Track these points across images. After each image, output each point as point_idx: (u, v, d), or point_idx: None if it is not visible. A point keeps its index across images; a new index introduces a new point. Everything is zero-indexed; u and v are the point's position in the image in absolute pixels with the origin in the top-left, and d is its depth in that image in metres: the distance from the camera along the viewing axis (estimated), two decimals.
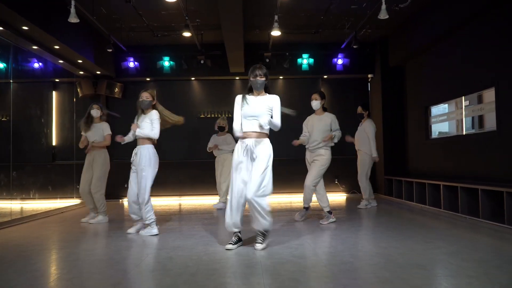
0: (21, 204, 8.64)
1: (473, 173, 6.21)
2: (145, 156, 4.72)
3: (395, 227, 4.98)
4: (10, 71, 7.21)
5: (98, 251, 3.95)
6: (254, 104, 4.00)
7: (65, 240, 4.59)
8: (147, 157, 4.73)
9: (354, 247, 3.87)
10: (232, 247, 3.89)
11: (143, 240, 4.48)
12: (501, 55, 5.60)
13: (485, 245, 4.04)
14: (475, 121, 9.28)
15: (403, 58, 8.37)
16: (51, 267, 3.49)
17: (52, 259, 3.76)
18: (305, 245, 4.02)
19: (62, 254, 3.87)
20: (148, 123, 4.75)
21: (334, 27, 8.27)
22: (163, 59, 8.84)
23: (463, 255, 3.51)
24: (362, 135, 7.06)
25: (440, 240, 4.14)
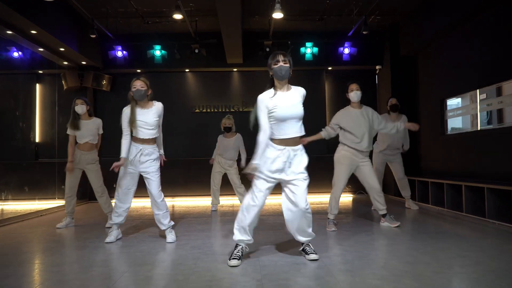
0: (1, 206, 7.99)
1: (499, 173, 5.54)
2: (155, 158, 4.18)
3: (417, 236, 4.30)
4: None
5: (65, 268, 3.26)
6: (286, 102, 3.22)
7: (36, 250, 3.90)
8: (157, 160, 4.21)
9: (375, 263, 3.19)
10: (237, 263, 3.22)
11: (123, 252, 3.80)
12: None
13: None
14: (493, 115, 8.63)
15: (416, 47, 7.68)
16: (16, 282, 2.81)
17: (19, 273, 3.07)
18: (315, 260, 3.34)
19: (29, 268, 3.18)
20: (156, 116, 4.12)
21: (340, 13, 7.58)
22: (154, 48, 8.12)
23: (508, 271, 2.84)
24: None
25: (479, 253, 3.46)
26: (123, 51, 8.15)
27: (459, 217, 5.52)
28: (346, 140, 4.75)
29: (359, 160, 4.77)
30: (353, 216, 5.90)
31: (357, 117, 4.72)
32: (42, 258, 3.64)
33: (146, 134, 4.08)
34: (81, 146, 5.23)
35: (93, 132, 5.22)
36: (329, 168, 5.24)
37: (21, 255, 3.72)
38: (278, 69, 3.18)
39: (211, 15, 7.42)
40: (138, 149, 4.08)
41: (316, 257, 3.29)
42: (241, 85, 8.90)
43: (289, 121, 3.18)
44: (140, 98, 4.04)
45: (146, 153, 4.10)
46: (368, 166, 4.78)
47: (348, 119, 4.73)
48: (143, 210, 7.01)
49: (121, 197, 4.19)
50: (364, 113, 4.76)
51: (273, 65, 3.21)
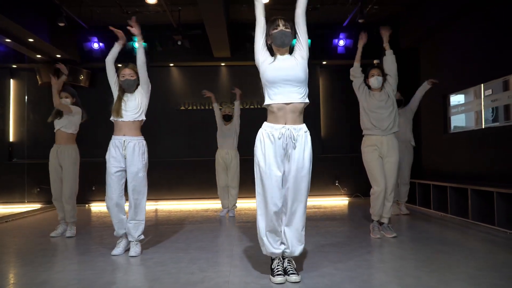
0: None
1: (506, 174, 4.98)
2: (139, 151, 3.62)
3: (419, 249, 3.72)
4: None
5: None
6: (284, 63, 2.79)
7: None
8: (142, 153, 3.65)
9: (365, 283, 2.62)
10: (283, 279, 2.67)
11: (71, 270, 3.22)
12: None
13: None
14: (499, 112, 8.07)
15: (417, 39, 7.15)
16: None
17: None
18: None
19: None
20: (144, 98, 3.69)
21: (335, 2, 7.02)
22: (133, 40, 7.54)
23: None
24: (407, 122, 5.88)
25: (493, 272, 2.88)
26: (99, 43, 7.57)
27: (464, 224, 4.95)
28: None
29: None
30: (350, 223, 5.32)
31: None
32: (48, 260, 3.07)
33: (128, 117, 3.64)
34: (56, 136, 4.67)
35: (72, 121, 4.66)
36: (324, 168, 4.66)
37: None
38: (279, 34, 2.80)
39: (196, 4, 6.85)
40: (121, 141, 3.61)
41: (297, 279, 2.71)
42: (230, 80, 8.32)
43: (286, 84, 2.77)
44: (129, 87, 3.65)
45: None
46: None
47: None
48: None
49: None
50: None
51: (273, 30, 2.84)
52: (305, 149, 2.71)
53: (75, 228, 4.66)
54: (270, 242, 2.71)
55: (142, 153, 3.64)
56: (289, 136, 2.69)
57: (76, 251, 3.93)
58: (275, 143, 2.68)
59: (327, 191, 7.98)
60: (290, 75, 2.72)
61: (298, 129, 2.73)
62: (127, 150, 3.58)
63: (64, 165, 4.58)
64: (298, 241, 2.74)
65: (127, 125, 3.62)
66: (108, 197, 3.60)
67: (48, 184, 4.73)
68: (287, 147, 2.69)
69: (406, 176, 5.78)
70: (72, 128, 4.66)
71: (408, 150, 5.75)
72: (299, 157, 2.68)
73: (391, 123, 4.24)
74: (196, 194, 7.82)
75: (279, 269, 2.72)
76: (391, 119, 4.24)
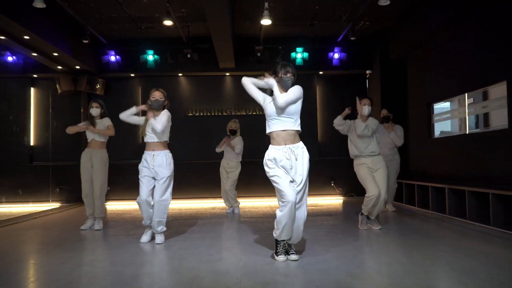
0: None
1: (482, 175, 5.68)
2: (168, 163, 4.44)
3: (398, 237, 4.43)
4: None
5: (54, 268, 3.38)
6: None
7: (25, 252, 4.02)
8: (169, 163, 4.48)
9: (352, 263, 3.32)
10: (284, 258, 3.43)
11: (112, 253, 3.92)
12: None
13: (502, 260, 3.50)
14: (479, 119, 8.79)
15: (405, 51, 7.85)
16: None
17: (3, 273, 3.20)
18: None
19: (16, 269, 3.29)
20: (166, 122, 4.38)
21: (330, 19, 7.72)
22: (147, 53, 8.26)
23: (480, 274, 2.97)
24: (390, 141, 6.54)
25: (450, 254, 3.59)
26: (116, 55, 8.28)
27: (442, 218, 5.66)
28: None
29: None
30: (342, 218, 6.02)
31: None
32: (35, 258, 3.75)
33: (153, 139, 4.36)
34: (90, 143, 5.36)
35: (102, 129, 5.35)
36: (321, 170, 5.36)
37: (13, 255, 3.83)
38: (287, 79, 3.50)
39: (203, 20, 7.55)
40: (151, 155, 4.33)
41: (296, 258, 3.42)
42: (234, 89, 9.03)
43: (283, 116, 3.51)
44: (157, 108, 4.34)
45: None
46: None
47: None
48: (136, 212, 7.13)
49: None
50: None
51: (283, 74, 3.51)
52: (303, 163, 3.44)
53: (102, 223, 5.36)
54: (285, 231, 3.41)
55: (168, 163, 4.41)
56: (291, 151, 3.42)
57: (108, 240, 4.61)
58: (276, 163, 3.43)
59: (323, 191, 8.67)
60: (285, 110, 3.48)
61: (296, 146, 3.46)
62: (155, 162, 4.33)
63: (96, 166, 5.28)
64: (299, 234, 3.49)
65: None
66: (139, 195, 4.31)
67: (66, 184, 5.44)
68: (291, 160, 3.41)
69: (393, 180, 6.53)
70: (103, 137, 5.38)
71: (395, 159, 6.51)
72: (300, 168, 3.41)
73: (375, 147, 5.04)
74: (203, 194, 8.51)
75: (282, 251, 3.43)
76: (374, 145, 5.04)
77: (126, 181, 8.02)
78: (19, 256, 3.86)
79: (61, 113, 8.58)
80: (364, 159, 4.98)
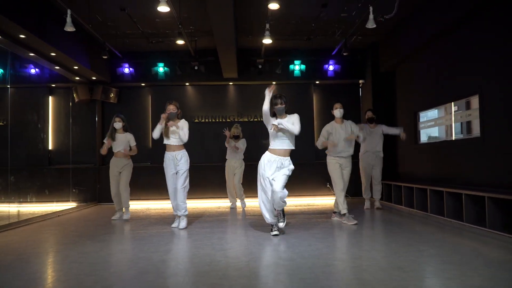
0: (18, 208, 8.77)
1: (459, 178, 6.40)
2: (186, 159, 5.71)
3: (382, 231, 5.16)
4: (8, 76, 7.37)
5: (93, 254, 4.09)
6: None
7: (61, 243, 4.73)
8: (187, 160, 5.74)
9: (339, 250, 4.04)
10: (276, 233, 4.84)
11: (137, 244, 4.63)
12: (485, 62, 5.77)
13: (467, 248, 4.21)
14: (463, 126, 9.50)
15: (393, 64, 8.56)
16: (48, 270, 3.64)
17: (49, 262, 3.90)
18: (292, 248, 4.18)
19: (59, 257, 4.01)
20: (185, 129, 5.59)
21: (325, 34, 8.45)
22: (157, 65, 9.00)
23: (443, 258, 3.69)
24: (381, 137, 7.45)
25: (424, 244, 4.31)
26: (130, 68, 9.02)
27: (425, 217, 6.38)
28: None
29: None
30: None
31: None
32: (72, 248, 4.47)
33: (175, 142, 5.58)
34: (116, 154, 6.53)
35: (124, 143, 6.54)
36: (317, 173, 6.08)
37: (52, 246, 4.55)
38: (278, 109, 4.86)
39: (209, 35, 8.28)
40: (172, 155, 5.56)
41: (283, 225, 4.87)
42: (236, 97, 9.77)
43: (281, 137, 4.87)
44: (173, 118, 5.53)
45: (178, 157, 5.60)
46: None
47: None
48: (148, 211, 7.84)
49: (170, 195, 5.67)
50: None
51: (275, 105, 4.85)
52: (288, 169, 4.86)
53: (129, 213, 6.56)
54: (267, 216, 4.81)
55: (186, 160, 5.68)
56: (280, 161, 4.82)
57: (130, 234, 5.33)
58: (271, 164, 4.81)
59: (319, 192, 9.39)
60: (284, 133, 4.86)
61: (285, 159, 4.85)
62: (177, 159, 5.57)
63: (124, 171, 6.50)
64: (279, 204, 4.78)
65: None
66: (168, 189, 5.63)
67: (83, 185, 6.45)
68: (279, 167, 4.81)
69: (379, 178, 7.42)
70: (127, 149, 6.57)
71: (378, 159, 7.34)
72: (284, 170, 4.81)
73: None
74: (208, 194, 9.23)
75: (274, 229, 4.79)
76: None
77: (138, 182, 8.74)
78: (59, 246, 4.57)
79: (79, 120, 9.30)
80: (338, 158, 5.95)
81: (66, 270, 3.50)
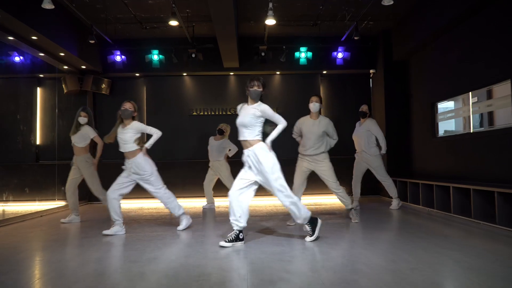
0: (2, 207, 8.15)
1: (485, 174, 5.69)
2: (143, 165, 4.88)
3: (403, 235, 4.46)
4: None
5: (62, 265, 3.43)
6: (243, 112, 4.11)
7: (29, 249, 4.07)
8: (146, 165, 4.91)
9: (358, 261, 3.35)
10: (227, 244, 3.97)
11: (119, 250, 3.96)
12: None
13: (508, 257, 3.51)
14: (484, 118, 8.78)
15: (408, 52, 7.85)
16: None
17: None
18: (300, 257, 3.50)
19: (20, 267, 3.34)
20: (132, 134, 4.82)
21: (333, 19, 7.76)
22: (151, 53, 8.31)
23: (485, 270, 2.99)
24: (367, 135, 6.54)
25: (456, 251, 3.62)
26: (122, 55, 8.34)
27: (447, 217, 5.67)
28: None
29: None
30: (344, 216, 6.05)
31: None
32: (41, 255, 3.80)
33: (124, 149, 4.86)
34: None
35: (84, 137, 5.86)
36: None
37: (20, 252, 3.89)
38: (254, 92, 4.06)
39: (207, 21, 7.60)
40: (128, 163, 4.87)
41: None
42: (238, 88, 9.07)
43: (240, 127, 4.06)
44: (126, 117, 4.83)
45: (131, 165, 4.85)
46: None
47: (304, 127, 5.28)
48: (141, 211, 7.18)
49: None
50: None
51: (250, 88, 4.06)
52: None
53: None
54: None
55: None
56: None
57: (129, 228, 4.67)
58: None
59: (327, 190, 8.60)
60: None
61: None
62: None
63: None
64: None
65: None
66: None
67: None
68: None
69: (380, 177, 6.65)
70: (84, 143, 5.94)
71: (371, 158, 6.55)
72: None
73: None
74: None
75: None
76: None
77: None
78: (27, 253, 3.91)
79: (67, 113, 8.64)
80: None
81: (27, 282, 2.84)
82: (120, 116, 4.85)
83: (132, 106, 4.89)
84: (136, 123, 4.88)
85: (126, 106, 4.84)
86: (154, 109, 8.88)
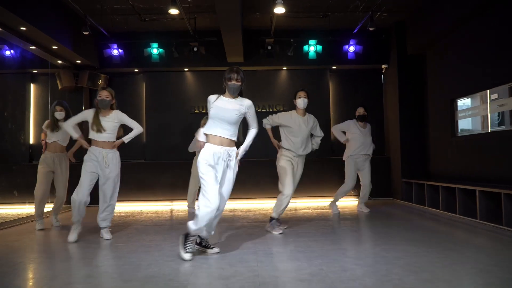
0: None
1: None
2: (117, 161, 4.63)
3: (432, 246, 3.96)
4: None
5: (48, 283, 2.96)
6: (224, 106, 3.63)
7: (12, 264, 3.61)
8: (118, 162, 4.66)
9: (389, 280, 2.87)
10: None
11: (112, 265, 3.49)
12: None
13: None
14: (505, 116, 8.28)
15: (424, 45, 7.36)
16: None
17: None
18: (316, 270, 3.02)
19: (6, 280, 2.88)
20: (114, 124, 4.57)
21: (345, 10, 7.28)
22: (151, 46, 7.83)
23: None
24: (370, 139, 6.55)
25: (495, 267, 3.13)
26: (119, 49, 7.87)
27: (472, 224, 5.19)
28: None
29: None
30: (354, 221, 5.57)
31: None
32: (32, 269, 3.34)
33: (104, 138, 4.50)
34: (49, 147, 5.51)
35: (65, 134, 5.45)
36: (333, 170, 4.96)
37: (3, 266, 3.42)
38: (232, 86, 3.61)
39: (210, 12, 7.14)
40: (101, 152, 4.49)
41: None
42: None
43: (220, 122, 3.57)
44: (104, 107, 4.50)
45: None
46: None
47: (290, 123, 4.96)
48: (139, 215, 6.72)
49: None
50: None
51: (228, 81, 3.62)
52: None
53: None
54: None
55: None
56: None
57: (124, 236, 4.20)
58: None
59: (327, 193, 8.07)
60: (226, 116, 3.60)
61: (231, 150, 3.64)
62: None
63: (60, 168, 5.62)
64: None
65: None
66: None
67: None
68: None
69: (368, 181, 6.60)
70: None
71: (368, 161, 6.58)
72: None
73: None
74: None
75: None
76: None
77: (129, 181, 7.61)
78: (5, 269, 3.44)
79: None
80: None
81: None
82: (98, 106, 4.51)
83: (109, 95, 4.55)
84: (119, 112, 4.61)
85: (102, 95, 4.51)
86: (154, 106, 8.40)
